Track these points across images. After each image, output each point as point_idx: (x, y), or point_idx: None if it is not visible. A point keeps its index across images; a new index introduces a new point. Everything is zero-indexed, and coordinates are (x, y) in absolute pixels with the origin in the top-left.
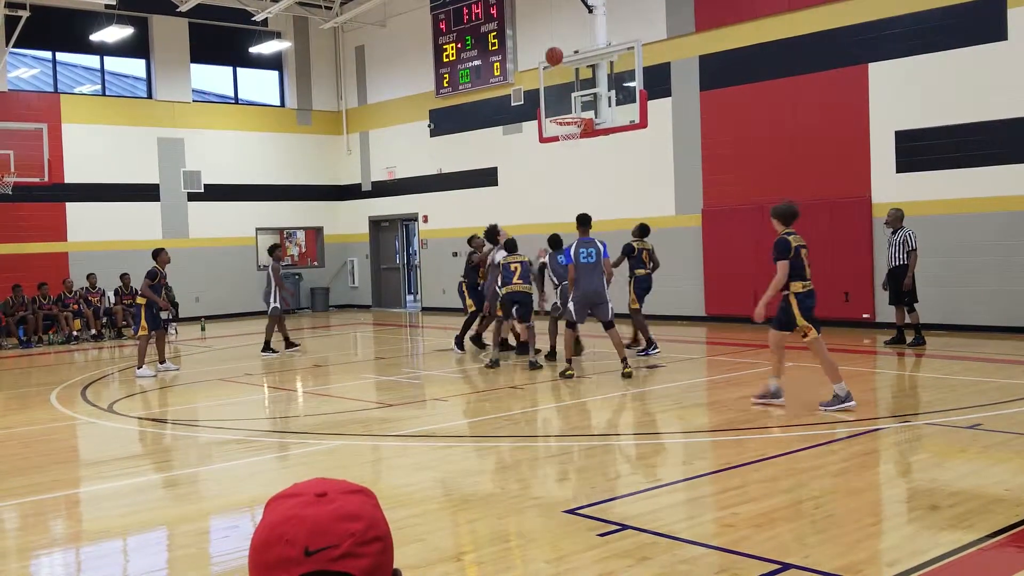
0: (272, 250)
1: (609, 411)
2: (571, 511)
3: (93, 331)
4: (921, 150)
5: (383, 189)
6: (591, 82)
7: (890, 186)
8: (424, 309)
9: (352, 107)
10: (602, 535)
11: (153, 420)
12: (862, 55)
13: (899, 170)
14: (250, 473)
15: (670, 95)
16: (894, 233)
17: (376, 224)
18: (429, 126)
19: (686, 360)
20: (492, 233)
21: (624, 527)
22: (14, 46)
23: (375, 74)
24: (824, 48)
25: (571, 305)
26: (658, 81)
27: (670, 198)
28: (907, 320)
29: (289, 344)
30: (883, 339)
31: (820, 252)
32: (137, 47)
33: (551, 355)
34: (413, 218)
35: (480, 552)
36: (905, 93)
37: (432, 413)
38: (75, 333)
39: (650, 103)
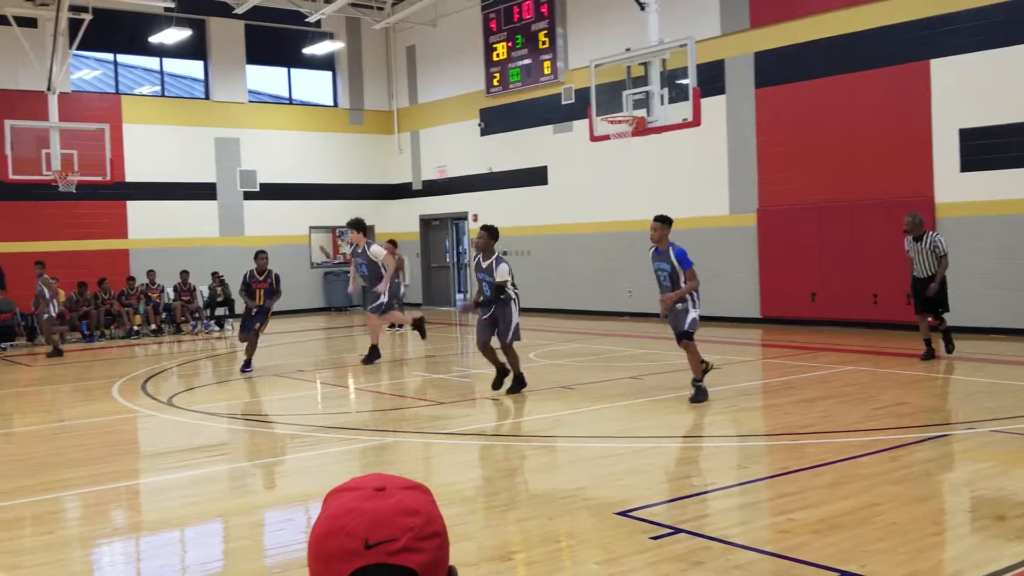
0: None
1: (663, 413)
2: (623, 513)
3: (153, 326)
4: (987, 148)
5: (433, 188)
6: (643, 80)
7: (954, 185)
8: None
9: (403, 107)
10: (655, 538)
11: (210, 414)
12: (923, 51)
13: (964, 169)
14: (303, 468)
15: (724, 92)
16: (917, 240)
17: (426, 223)
18: (479, 125)
19: (741, 362)
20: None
21: (677, 530)
22: (77, 48)
23: (426, 74)
24: (884, 44)
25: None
26: (712, 78)
27: (724, 197)
28: (929, 330)
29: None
30: (935, 349)
31: (880, 253)
32: (195, 49)
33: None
34: (463, 217)
35: (530, 552)
36: (969, 90)
37: (482, 411)
38: (136, 328)
39: (703, 101)
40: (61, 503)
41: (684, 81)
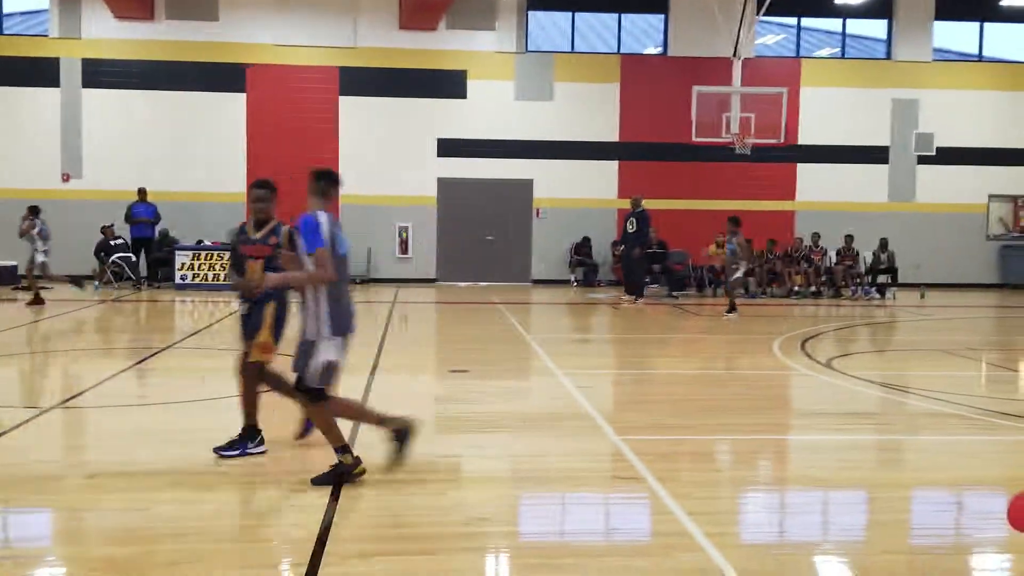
0: None
1: None
2: None
3: (813, 288)
4: None
5: None
6: None
7: None
8: None
9: None
10: None
11: (867, 381)
12: None
13: None
14: (971, 452)
15: None
16: None
17: None
18: None
19: None
20: None
21: None
22: (764, 14)
23: None
24: None
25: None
26: None
27: None
28: None
29: None
30: None
31: None
32: (879, 7)
33: None
34: None
35: None
36: None
37: None
38: (796, 288)
39: None
40: (722, 445)
41: None
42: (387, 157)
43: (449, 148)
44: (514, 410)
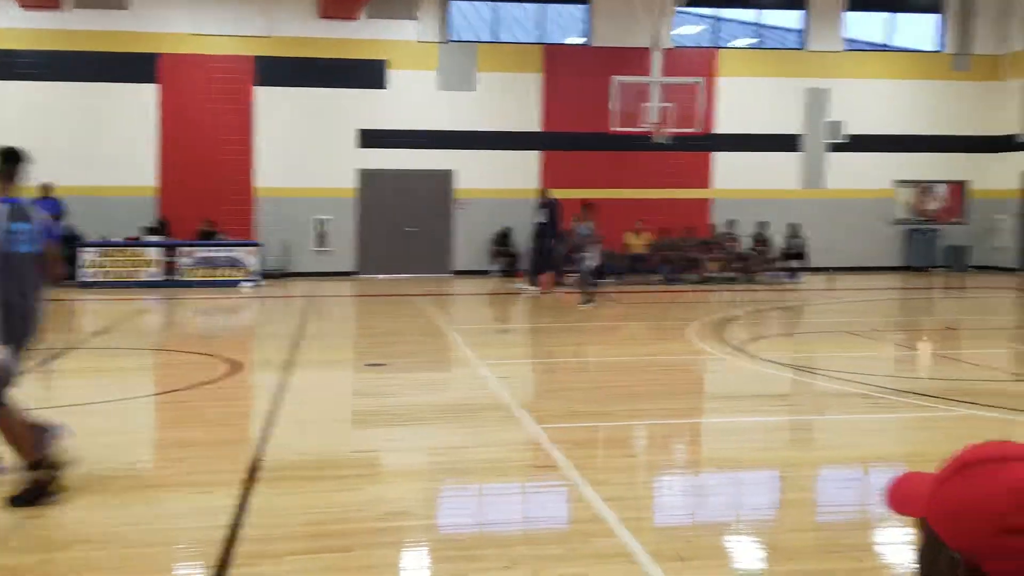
0: None
1: None
2: None
3: (729, 274)
4: None
5: None
6: None
7: None
8: None
9: (1020, 50)
10: None
11: (778, 364)
12: None
13: None
14: (874, 430)
15: None
16: None
17: None
18: None
19: None
20: None
21: None
22: (683, 5)
23: None
24: None
25: None
26: None
27: None
28: None
29: None
30: None
31: None
32: None
33: None
34: None
35: None
36: None
37: None
38: (710, 275)
39: None
40: (638, 431)
41: None
42: (305, 149)
43: (370, 139)
44: (432, 402)
